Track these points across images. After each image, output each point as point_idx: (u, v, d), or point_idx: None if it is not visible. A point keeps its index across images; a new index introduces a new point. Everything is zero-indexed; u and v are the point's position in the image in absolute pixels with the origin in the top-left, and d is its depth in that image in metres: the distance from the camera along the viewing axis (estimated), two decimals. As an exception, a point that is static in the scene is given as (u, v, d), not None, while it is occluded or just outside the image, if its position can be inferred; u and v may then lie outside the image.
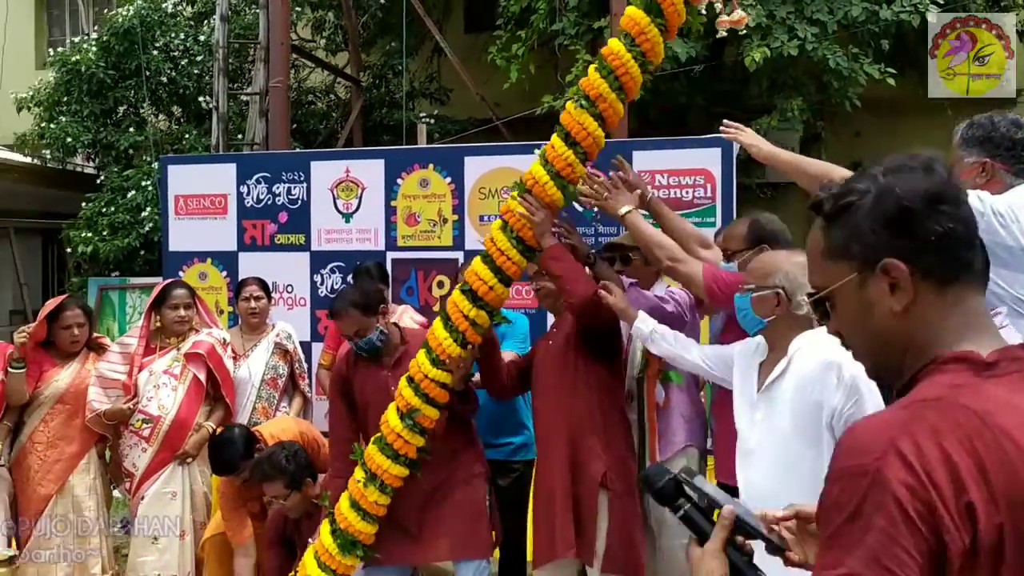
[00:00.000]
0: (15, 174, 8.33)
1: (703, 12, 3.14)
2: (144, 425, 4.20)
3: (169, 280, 4.68)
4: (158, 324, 4.37)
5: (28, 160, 8.67)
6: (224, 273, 5.44)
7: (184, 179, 5.55)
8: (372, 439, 3.32)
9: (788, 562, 1.27)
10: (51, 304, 4.25)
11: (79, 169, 8.93)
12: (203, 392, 4.32)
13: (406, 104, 8.89)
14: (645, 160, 4.80)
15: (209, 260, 5.48)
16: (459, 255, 4.97)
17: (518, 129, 8.05)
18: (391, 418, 3.23)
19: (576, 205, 3.59)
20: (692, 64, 7.00)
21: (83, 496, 4.14)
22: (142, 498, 4.18)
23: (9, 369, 4.01)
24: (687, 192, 4.72)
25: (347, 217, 5.23)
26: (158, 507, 4.18)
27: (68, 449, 4.13)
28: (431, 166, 5.11)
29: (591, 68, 3.06)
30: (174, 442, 4.21)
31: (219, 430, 4.08)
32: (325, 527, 3.34)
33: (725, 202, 4.68)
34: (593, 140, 3.03)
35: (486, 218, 5.03)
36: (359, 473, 3.28)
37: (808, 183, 2.78)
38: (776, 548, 1.24)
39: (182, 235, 5.52)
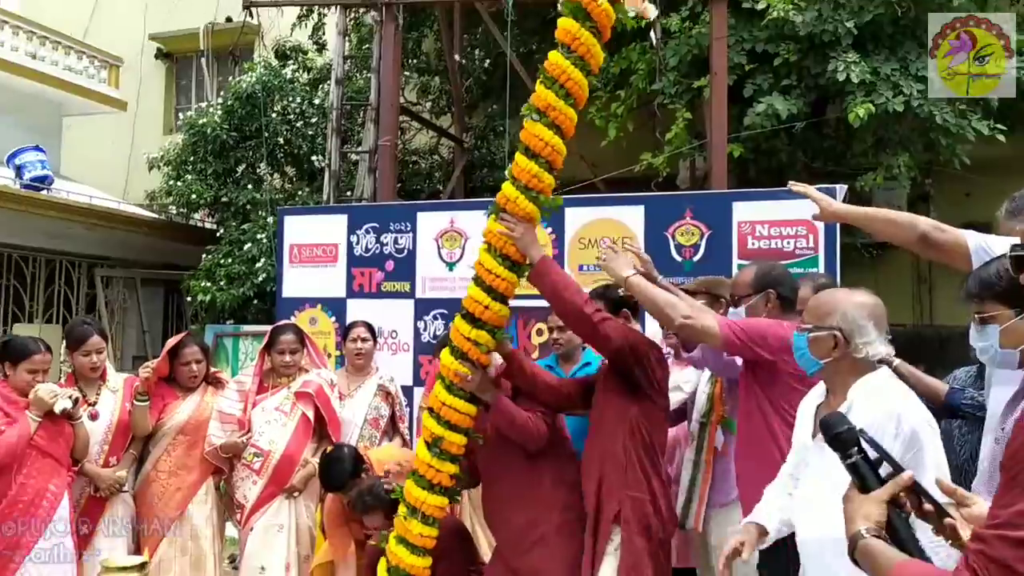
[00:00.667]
0: (144, 228, 8.93)
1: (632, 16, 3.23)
2: (255, 458, 4.39)
3: (280, 323, 4.90)
4: (270, 365, 4.59)
5: (155, 216, 9.29)
6: (333, 319, 5.69)
7: (299, 229, 5.87)
8: (408, 474, 3.41)
9: (939, 530, 1.35)
10: (172, 341, 4.53)
11: (200, 224, 9.50)
12: (311, 429, 4.49)
13: (507, 163, 9.14)
14: (746, 211, 4.83)
15: (319, 306, 5.75)
16: (558, 304, 5.07)
17: (616, 188, 8.17)
18: (420, 451, 3.32)
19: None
20: (793, 121, 7.00)
21: (200, 525, 4.32)
22: (251, 529, 4.35)
23: (134, 401, 4.27)
24: (788, 243, 4.72)
25: (451, 266, 5.42)
26: (265, 539, 4.34)
27: (188, 478, 4.34)
28: (533, 217, 5.25)
29: (538, 83, 3.16)
30: (282, 476, 4.38)
31: (329, 449, 4.22)
32: (382, 565, 3.41)
33: (828, 253, 4.65)
34: (552, 148, 3.11)
35: (585, 267, 5.13)
36: (402, 509, 3.36)
37: (891, 231, 2.78)
38: (940, 516, 1.33)
39: (295, 282, 5.82)
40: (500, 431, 3.37)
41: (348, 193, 8.58)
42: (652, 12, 3.29)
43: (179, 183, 8.96)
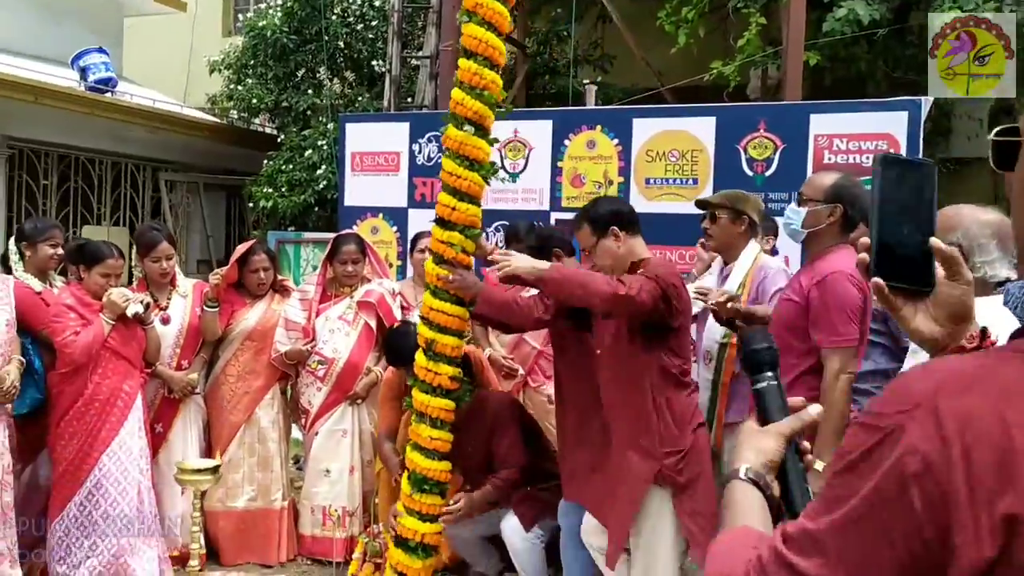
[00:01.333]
0: (205, 132, 8.94)
1: None
2: (319, 366, 4.47)
3: (342, 233, 4.90)
4: (332, 274, 4.61)
5: (217, 120, 9.29)
6: (395, 228, 5.68)
7: (361, 137, 5.82)
8: (413, 383, 3.49)
9: None
10: (241, 249, 4.57)
11: (261, 129, 9.49)
12: (373, 338, 4.54)
13: (572, 70, 8.90)
14: (823, 124, 4.63)
15: (381, 215, 5.74)
16: (623, 218, 4.96)
17: (684, 97, 7.90)
18: (419, 358, 3.43)
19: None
20: (875, 27, 6.61)
21: (267, 428, 4.45)
22: (316, 434, 4.47)
23: (204, 307, 4.35)
24: (868, 158, 4.51)
25: (514, 177, 5.34)
26: (329, 444, 4.46)
27: (255, 383, 4.45)
28: (599, 128, 5.12)
29: None
30: (345, 383, 4.46)
31: (396, 325, 4.26)
32: (405, 476, 3.51)
33: (909, 170, 4.44)
34: (486, 44, 3.23)
35: (652, 181, 4.99)
36: (413, 416, 3.47)
37: None
38: None
39: (357, 191, 5.80)
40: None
41: (409, 99, 8.45)
42: None
43: (240, 87, 8.93)
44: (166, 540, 4.13)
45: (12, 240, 4.18)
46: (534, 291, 3.41)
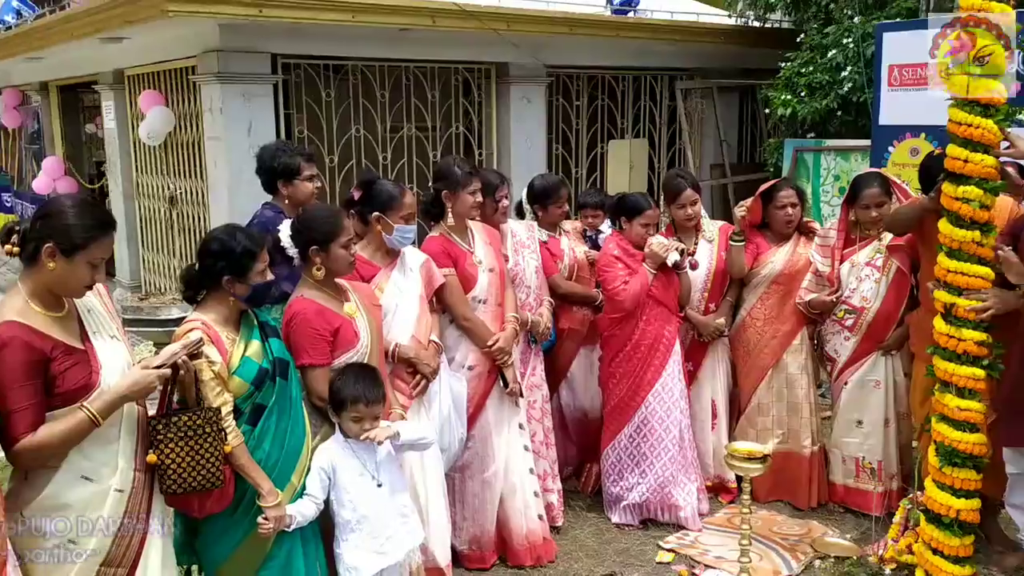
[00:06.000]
0: (721, 37, 8.83)
1: None
2: (847, 315, 4.28)
3: (863, 172, 4.53)
4: (854, 217, 4.29)
5: (732, 24, 9.11)
6: (939, 149, 5.04)
7: (900, 48, 5.21)
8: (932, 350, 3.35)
9: None
10: (766, 185, 4.48)
11: (778, 26, 9.06)
12: (907, 283, 4.18)
13: None
14: None
15: (923, 135, 5.16)
16: None
17: None
18: (939, 324, 3.28)
19: None
20: None
21: (796, 374, 4.42)
22: (844, 383, 4.32)
23: (730, 241, 4.41)
24: None
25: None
26: (860, 394, 4.28)
27: (782, 328, 4.41)
28: None
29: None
30: (877, 333, 4.22)
31: None
32: (932, 449, 3.36)
33: None
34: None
35: None
36: (937, 385, 3.33)
37: None
38: None
39: (895, 108, 5.27)
40: None
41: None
42: None
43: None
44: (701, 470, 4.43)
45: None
46: None
